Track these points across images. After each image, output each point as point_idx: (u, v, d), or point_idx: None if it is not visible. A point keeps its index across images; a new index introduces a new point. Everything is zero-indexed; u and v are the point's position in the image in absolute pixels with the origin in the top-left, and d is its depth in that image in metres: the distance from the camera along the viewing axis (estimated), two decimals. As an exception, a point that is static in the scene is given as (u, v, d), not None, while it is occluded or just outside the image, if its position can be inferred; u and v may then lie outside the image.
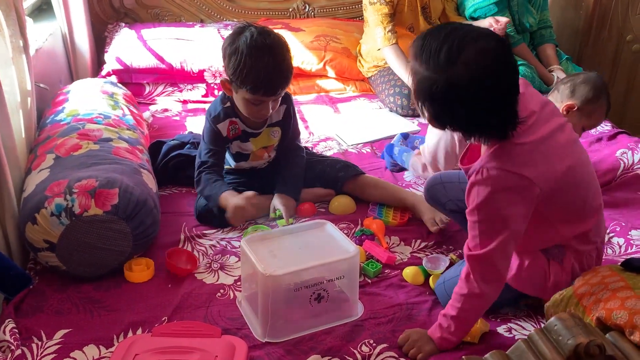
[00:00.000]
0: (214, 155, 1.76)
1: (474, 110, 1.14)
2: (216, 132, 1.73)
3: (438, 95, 1.13)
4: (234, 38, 1.60)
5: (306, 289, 1.34)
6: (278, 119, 1.80)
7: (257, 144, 1.79)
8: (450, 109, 1.15)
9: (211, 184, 1.71)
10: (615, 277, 1.19)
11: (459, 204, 1.50)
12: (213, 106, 1.76)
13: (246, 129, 1.76)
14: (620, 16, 2.88)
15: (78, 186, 1.49)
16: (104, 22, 2.77)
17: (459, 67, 1.10)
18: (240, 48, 1.56)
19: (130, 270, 1.54)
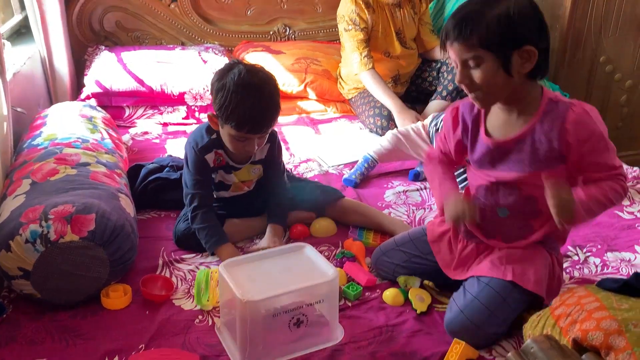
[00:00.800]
0: (202, 186, 1.74)
1: (545, 30, 1.27)
2: (203, 162, 1.72)
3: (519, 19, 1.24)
4: (222, 74, 1.62)
5: (285, 314, 1.33)
6: (261, 157, 1.80)
7: (238, 176, 1.79)
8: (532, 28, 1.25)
9: (210, 231, 1.70)
10: (590, 298, 1.20)
11: (406, 264, 1.59)
12: (199, 136, 1.73)
13: (229, 162, 1.76)
14: (593, 38, 2.95)
15: (54, 212, 1.47)
16: (84, 45, 2.77)
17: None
18: (228, 85, 1.58)
19: (107, 297, 1.51)
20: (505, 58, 1.25)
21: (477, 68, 1.27)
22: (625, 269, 1.65)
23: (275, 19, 2.98)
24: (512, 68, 1.26)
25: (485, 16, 1.24)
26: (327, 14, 3.02)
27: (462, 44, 1.26)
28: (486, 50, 1.25)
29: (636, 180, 2.10)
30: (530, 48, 1.25)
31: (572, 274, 1.63)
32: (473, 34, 1.24)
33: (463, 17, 1.26)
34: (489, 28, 1.23)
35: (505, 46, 1.25)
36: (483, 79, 1.27)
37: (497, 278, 1.38)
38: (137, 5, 2.78)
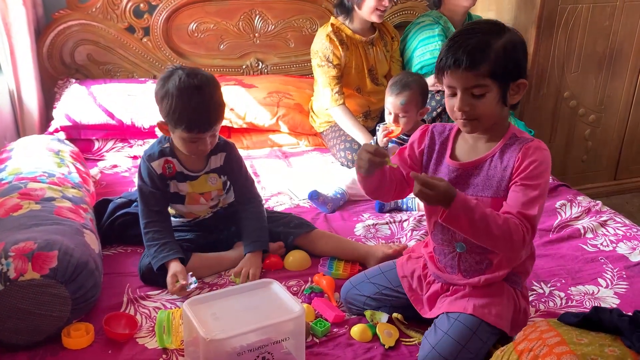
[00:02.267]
0: (153, 201, 1.75)
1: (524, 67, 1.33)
2: (150, 170, 1.76)
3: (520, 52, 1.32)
4: (164, 82, 1.68)
5: (250, 352, 1.31)
6: (217, 165, 1.83)
7: (193, 187, 1.80)
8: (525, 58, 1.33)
9: (159, 247, 1.70)
10: (552, 332, 1.21)
11: (377, 296, 1.60)
12: (149, 147, 1.81)
13: (183, 170, 1.79)
14: (557, 74, 3.06)
15: (15, 249, 1.44)
16: (54, 77, 2.75)
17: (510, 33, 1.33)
18: (170, 91, 1.64)
19: (68, 336, 1.47)
20: (505, 89, 1.32)
21: (481, 97, 1.32)
22: (588, 302, 1.67)
23: (248, 53, 3.01)
24: (507, 99, 1.33)
25: (494, 46, 1.29)
26: (299, 49, 3.07)
27: (471, 72, 1.29)
28: (493, 80, 1.30)
29: (599, 214, 2.15)
30: (523, 81, 1.34)
31: (538, 307, 1.65)
32: (483, 63, 1.28)
33: (474, 46, 1.29)
34: (497, 59, 1.29)
35: (508, 77, 1.31)
36: (485, 107, 1.32)
37: (466, 313, 1.40)
38: (109, 39, 2.78)
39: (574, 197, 2.25)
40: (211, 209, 1.89)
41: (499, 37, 1.30)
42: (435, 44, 2.67)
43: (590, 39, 3.03)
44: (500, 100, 1.33)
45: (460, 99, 1.33)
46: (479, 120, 1.35)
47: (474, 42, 1.29)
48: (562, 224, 2.08)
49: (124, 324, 1.54)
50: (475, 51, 1.28)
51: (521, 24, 3.01)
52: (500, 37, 1.30)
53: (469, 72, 1.30)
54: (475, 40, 1.30)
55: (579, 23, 2.97)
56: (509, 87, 1.32)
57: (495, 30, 1.32)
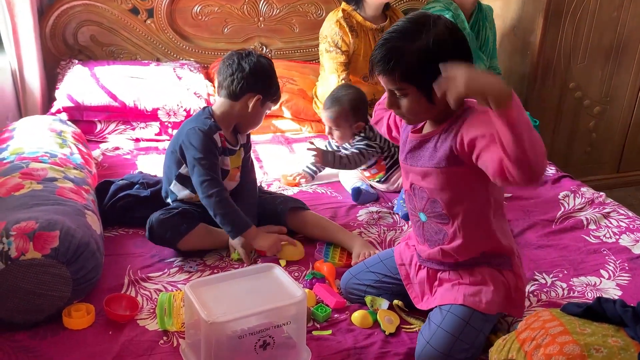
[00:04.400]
0: (215, 170, 1.77)
1: (465, 58, 1.30)
2: (213, 141, 1.78)
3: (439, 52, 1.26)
4: (256, 60, 1.81)
5: (251, 335, 1.31)
6: (244, 142, 1.94)
7: (232, 162, 1.87)
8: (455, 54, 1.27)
9: (235, 216, 1.74)
10: (555, 322, 1.21)
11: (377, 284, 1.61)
12: (200, 122, 1.81)
13: (228, 146, 1.85)
14: (563, 65, 3.03)
15: (16, 228, 1.43)
16: (57, 58, 2.73)
17: (439, 27, 1.29)
18: (270, 69, 1.85)
19: (69, 317, 1.47)
20: (427, 89, 1.29)
21: (403, 98, 1.35)
22: (590, 293, 1.67)
23: (252, 37, 2.99)
24: (434, 97, 1.29)
25: (406, 51, 1.29)
26: (304, 34, 3.04)
27: (386, 77, 1.33)
28: (409, 84, 1.31)
29: (602, 205, 2.14)
30: None
31: (540, 297, 1.65)
32: (396, 68, 1.30)
33: (386, 52, 1.30)
34: (409, 63, 1.29)
35: (426, 79, 1.27)
36: (408, 107, 1.36)
37: (457, 304, 1.40)
38: (112, 20, 2.76)
39: (577, 188, 2.24)
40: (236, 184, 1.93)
41: (415, 40, 1.28)
42: None
43: (598, 30, 3.00)
44: (425, 100, 1.32)
45: (387, 99, 1.38)
46: (408, 117, 1.40)
47: (388, 48, 1.31)
48: (565, 215, 2.08)
49: (124, 305, 1.54)
50: (387, 57, 1.30)
51: (528, 14, 2.98)
52: (417, 40, 1.28)
53: (385, 77, 1.33)
54: (389, 45, 1.31)
55: (586, 13, 2.94)
56: (431, 86, 1.25)
57: (415, 30, 1.29)
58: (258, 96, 1.81)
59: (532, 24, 2.97)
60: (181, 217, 1.76)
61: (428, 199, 1.43)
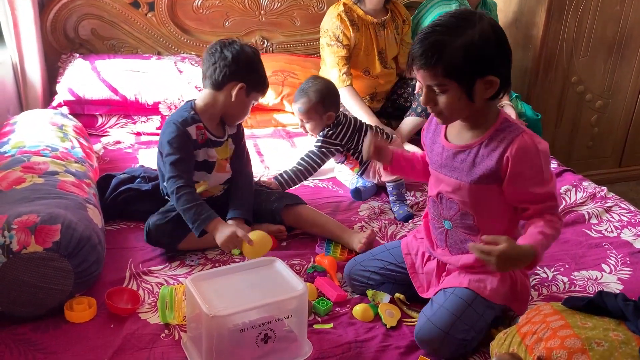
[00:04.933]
0: (184, 166, 1.72)
1: (508, 57, 1.31)
2: (186, 134, 1.74)
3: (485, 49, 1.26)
4: (240, 48, 1.77)
5: (252, 329, 1.31)
6: (232, 132, 1.89)
7: (219, 153, 1.84)
8: (496, 59, 1.29)
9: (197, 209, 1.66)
10: (556, 316, 1.21)
11: (381, 271, 1.61)
12: (177, 114, 1.79)
13: (210, 137, 1.81)
14: (565, 59, 3.02)
15: (18, 222, 1.44)
16: (58, 52, 2.73)
17: (484, 24, 1.27)
18: (254, 57, 1.80)
19: (70, 310, 1.48)
20: (468, 86, 1.29)
21: (442, 94, 1.32)
22: (592, 287, 1.67)
23: (253, 31, 2.98)
24: (475, 95, 1.30)
25: (450, 46, 1.26)
26: (305, 28, 3.03)
27: (427, 72, 1.29)
28: (451, 80, 1.29)
29: (604, 200, 2.13)
30: (493, 78, 1.29)
31: (541, 291, 1.65)
32: (438, 63, 1.27)
33: (429, 46, 1.27)
34: (453, 59, 1.26)
35: (469, 76, 1.28)
36: (447, 104, 1.32)
37: (461, 287, 1.42)
38: (113, 14, 2.75)
39: (579, 183, 2.24)
40: (222, 186, 1.89)
41: (460, 35, 1.26)
42: None
43: (600, 23, 2.98)
44: (465, 97, 1.30)
45: (423, 94, 1.35)
46: (446, 115, 1.36)
47: (431, 42, 1.27)
48: (567, 209, 2.07)
49: (126, 298, 1.55)
50: (430, 51, 1.27)
51: (530, 7, 2.97)
52: (461, 35, 1.25)
53: (426, 72, 1.30)
54: (433, 39, 1.28)
55: (589, 7, 2.93)
56: (474, 84, 1.29)
57: (459, 26, 1.27)
58: (241, 84, 1.76)
59: (534, 18, 2.96)
60: (177, 222, 1.72)
61: (459, 210, 1.43)
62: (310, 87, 2.16)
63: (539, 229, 1.30)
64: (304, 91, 2.16)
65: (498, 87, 1.30)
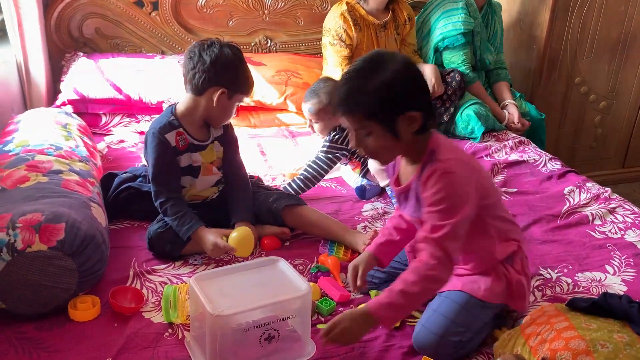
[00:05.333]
0: (166, 178, 1.74)
1: (424, 90, 1.33)
2: (164, 142, 1.74)
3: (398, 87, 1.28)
4: (219, 51, 1.71)
5: (256, 328, 1.31)
6: (218, 134, 1.87)
7: (204, 157, 1.82)
8: (413, 94, 1.30)
9: (181, 220, 1.71)
10: (560, 317, 1.21)
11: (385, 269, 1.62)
12: (157, 121, 1.80)
13: (193, 142, 1.80)
14: (569, 59, 3.02)
15: (22, 220, 1.44)
16: (62, 50, 2.73)
17: (395, 63, 1.29)
18: (234, 60, 1.73)
19: (74, 309, 1.48)
20: (390, 125, 1.30)
21: (368, 137, 1.33)
22: (596, 289, 1.67)
23: (257, 30, 2.98)
24: (399, 132, 1.31)
25: (364, 90, 1.28)
26: (309, 27, 3.03)
27: (348, 117, 1.32)
28: (371, 122, 1.30)
29: (607, 201, 2.13)
30: (413, 113, 1.29)
31: (545, 292, 1.65)
32: (356, 109, 1.30)
33: (345, 93, 1.30)
34: (369, 102, 1.28)
35: (389, 115, 1.29)
36: (374, 145, 1.34)
37: (455, 290, 1.42)
38: (117, 13, 2.75)
39: (583, 184, 2.24)
40: (217, 188, 1.88)
41: (372, 77, 1.28)
42: (458, 16, 2.63)
43: (605, 24, 2.98)
44: (390, 136, 1.31)
45: (352, 138, 1.36)
46: (378, 155, 1.39)
47: (346, 89, 1.31)
48: (570, 210, 2.07)
49: (130, 297, 1.55)
50: (347, 99, 1.30)
51: (534, 8, 2.97)
52: (374, 78, 1.27)
53: (347, 117, 1.32)
54: (348, 86, 1.31)
55: (593, 7, 2.93)
56: (396, 122, 1.30)
57: (371, 69, 1.29)
58: (222, 90, 1.72)
59: (538, 18, 2.95)
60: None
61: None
62: (321, 88, 2.16)
63: (402, 286, 1.29)
64: (315, 92, 2.17)
65: (422, 120, 1.31)
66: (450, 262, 1.29)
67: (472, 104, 2.64)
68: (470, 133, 2.61)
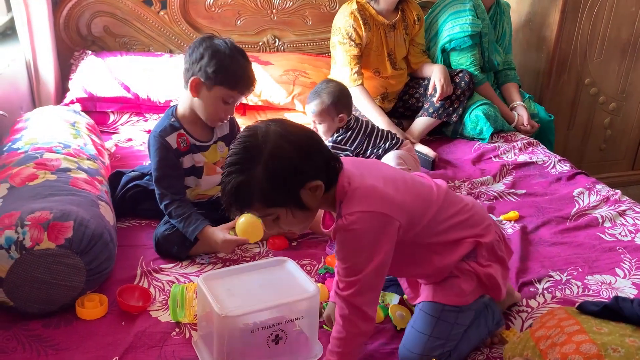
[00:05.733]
0: (169, 180, 1.74)
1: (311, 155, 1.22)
2: (165, 146, 1.74)
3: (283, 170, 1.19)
4: (209, 43, 1.70)
5: (264, 329, 1.30)
6: (223, 133, 1.86)
7: (207, 157, 1.83)
8: (302, 167, 1.20)
9: (186, 221, 1.70)
10: (570, 321, 1.19)
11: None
12: (159, 123, 1.80)
13: (195, 142, 1.79)
14: (579, 60, 3.00)
15: (31, 218, 1.44)
16: (71, 49, 2.74)
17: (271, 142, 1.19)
18: (221, 49, 1.68)
19: (82, 307, 1.48)
20: (294, 203, 1.23)
21: (277, 220, 1.26)
22: (606, 292, 1.65)
23: (265, 30, 2.98)
24: (306, 204, 1.24)
25: (251, 184, 1.19)
26: (317, 27, 3.02)
27: (250, 211, 1.25)
28: (274, 208, 1.23)
29: (617, 203, 2.11)
30: (313, 183, 1.22)
31: (554, 294, 1.63)
32: (253, 203, 1.21)
33: (232, 193, 1.20)
34: (262, 195, 1.20)
35: (288, 196, 1.22)
36: (288, 224, 1.27)
37: (427, 301, 1.38)
38: (125, 11, 2.75)
39: (592, 185, 2.22)
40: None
41: (253, 167, 1.18)
42: (466, 18, 2.61)
43: (615, 24, 2.96)
44: (298, 210, 1.24)
45: (267, 225, 1.29)
46: (296, 229, 1.32)
47: (232, 189, 1.20)
48: (580, 212, 2.05)
49: (137, 296, 1.55)
50: (237, 199, 1.21)
51: (544, 8, 2.95)
52: (255, 167, 1.18)
53: (249, 211, 1.25)
54: (233, 185, 1.19)
55: (603, 8, 2.90)
56: (299, 197, 1.22)
57: (247, 158, 1.19)
58: (194, 78, 1.69)
59: (547, 19, 2.93)
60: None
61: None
62: (323, 89, 2.17)
63: (330, 348, 1.29)
64: (317, 93, 2.17)
65: (325, 181, 1.23)
66: (362, 314, 1.24)
67: (481, 104, 2.62)
68: (478, 134, 2.59)
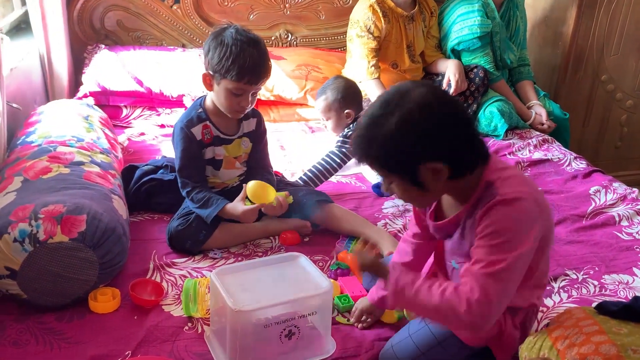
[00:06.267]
0: (191, 169, 1.76)
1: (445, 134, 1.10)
2: (190, 137, 1.75)
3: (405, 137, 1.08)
4: (218, 33, 1.69)
5: (277, 325, 1.30)
6: (250, 129, 1.86)
7: (229, 151, 1.83)
8: (427, 142, 1.08)
9: (206, 204, 1.72)
10: (589, 321, 1.17)
11: None
12: (186, 113, 1.81)
13: (219, 135, 1.80)
14: (595, 56, 2.95)
15: (44, 211, 1.44)
16: (84, 43, 2.74)
17: (405, 107, 1.08)
18: (226, 40, 1.66)
19: (95, 300, 1.48)
20: (411, 177, 1.11)
21: (392, 184, 1.17)
22: (623, 291, 1.62)
23: (278, 24, 2.96)
24: (424, 184, 1.12)
25: (374, 141, 1.11)
26: (330, 22, 3.00)
27: (367, 164, 1.16)
28: (389, 172, 1.14)
29: (635, 202, 2.08)
30: (433, 165, 1.09)
31: (570, 293, 1.61)
32: (369, 160, 1.14)
33: (356, 142, 1.14)
34: (377, 155, 1.12)
35: (403, 168, 1.12)
36: (401, 193, 1.18)
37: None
38: (139, 5, 2.75)
39: (609, 184, 2.19)
40: (238, 177, 1.89)
41: (381, 125, 1.09)
42: (474, 19, 2.58)
43: (633, 20, 2.91)
44: (413, 185, 1.12)
45: (384, 184, 1.20)
46: (410, 202, 1.24)
47: (358, 138, 1.14)
48: (596, 211, 2.02)
49: (150, 290, 1.55)
50: (358, 149, 1.14)
51: (561, 4, 2.90)
52: (382, 126, 1.08)
53: (366, 164, 1.17)
54: (358, 134, 1.14)
55: (622, 3, 2.86)
56: (417, 173, 1.10)
57: (381, 115, 1.10)
58: (204, 73, 1.71)
59: (564, 14, 2.89)
60: (198, 225, 1.71)
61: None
62: (329, 85, 2.19)
63: (428, 284, 1.13)
64: (323, 89, 2.19)
65: (450, 168, 1.10)
66: (486, 305, 1.06)
67: (495, 100, 2.59)
68: (493, 130, 2.56)
